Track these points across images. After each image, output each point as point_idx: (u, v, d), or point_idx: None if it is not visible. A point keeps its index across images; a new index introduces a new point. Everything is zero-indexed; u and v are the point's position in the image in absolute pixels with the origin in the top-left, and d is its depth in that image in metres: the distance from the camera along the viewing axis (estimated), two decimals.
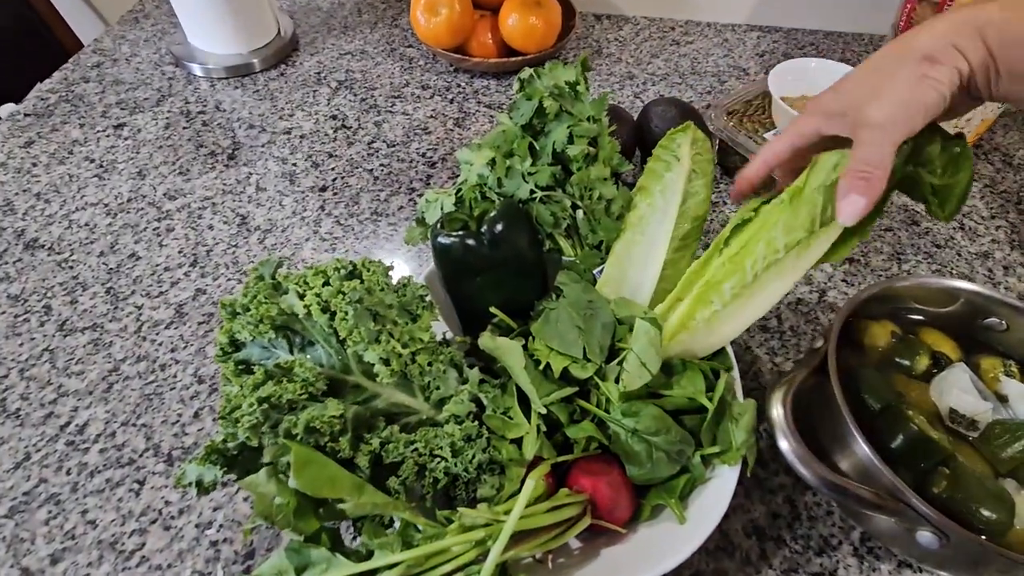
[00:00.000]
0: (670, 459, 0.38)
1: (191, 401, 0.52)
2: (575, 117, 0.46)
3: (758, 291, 0.41)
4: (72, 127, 0.78)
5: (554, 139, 0.45)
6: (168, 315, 0.59)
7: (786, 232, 0.39)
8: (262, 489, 0.32)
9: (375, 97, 0.84)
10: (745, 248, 0.39)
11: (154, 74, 0.87)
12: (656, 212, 0.46)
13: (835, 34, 0.95)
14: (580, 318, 0.42)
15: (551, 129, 0.46)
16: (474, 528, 0.32)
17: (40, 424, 0.51)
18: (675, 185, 0.45)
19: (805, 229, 0.39)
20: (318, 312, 0.35)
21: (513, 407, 0.40)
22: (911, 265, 0.64)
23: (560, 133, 0.45)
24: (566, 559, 0.38)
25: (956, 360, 0.47)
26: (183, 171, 0.73)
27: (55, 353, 0.55)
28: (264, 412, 0.32)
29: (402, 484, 0.34)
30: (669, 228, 0.45)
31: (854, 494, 0.37)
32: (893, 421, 0.42)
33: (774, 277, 0.41)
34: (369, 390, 0.37)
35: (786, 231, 0.39)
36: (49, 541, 0.44)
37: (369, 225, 0.67)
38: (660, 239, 0.45)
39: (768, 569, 0.43)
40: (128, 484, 0.47)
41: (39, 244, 0.65)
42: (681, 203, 0.45)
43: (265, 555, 0.44)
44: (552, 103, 0.45)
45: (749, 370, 0.55)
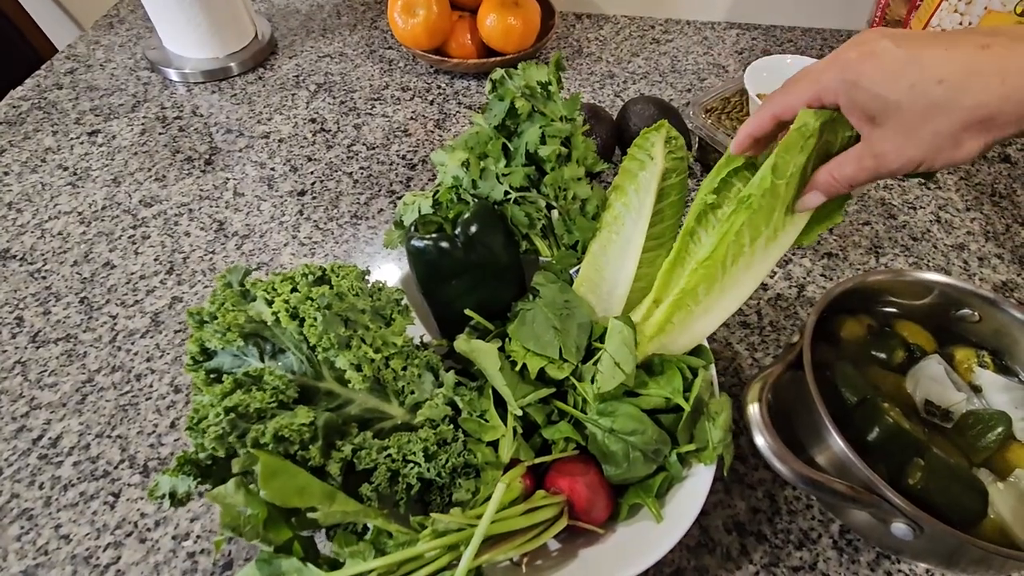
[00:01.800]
0: (647, 458, 0.38)
1: (167, 411, 0.52)
2: (547, 117, 0.46)
3: (730, 286, 0.41)
4: (45, 135, 0.77)
5: (527, 140, 0.45)
6: (144, 324, 0.58)
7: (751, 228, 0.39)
8: (230, 500, 0.31)
9: (354, 100, 0.83)
10: (715, 251, 0.39)
11: (129, 79, 0.86)
12: (631, 211, 0.46)
13: (813, 30, 0.96)
14: (556, 318, 0.42)
15: (524, 130, 0.46)
16: (447, 533, 0.32)
17: (11, 438, 0.50)
18: (649, 184, 0.45)
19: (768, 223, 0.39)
20: (287, 319, 0.35)
21: (489, 409, 0.39)
22: (889, 258, 0.64)
23: (533, 134, 0.45)
24: (544, 561, 0.38)
25: (931, 352, 0.47)
26: (159, 177, 0.72)
27: (27, 365, 0.54)
28: (231, 422, 0.32)
29: (375, 491, 0.34)
30: (644, 227, 0.45)
31: (829, 488, 0.37)
32: (869, 414, 0.42)
33: (743, 270, 0.41)
34: (342, 396, 0.37)
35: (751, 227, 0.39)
36: (21, 557, 0.44)
37: (349, 229, 0.67)
38: (635, 238, 0.45)
39: (749, 564, 0.43)
40: (103, 497, 0.47)
41: (10, 255, 0.63)
42: (656, 202, 0.45)
43: (243, 564, 0.43)
44: (524, 104, 0.45)
45: (729, 366, 0.55)
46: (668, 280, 0.43)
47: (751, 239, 0.39)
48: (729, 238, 0.38)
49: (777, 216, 0.38)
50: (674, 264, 0.43)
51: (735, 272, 0.40)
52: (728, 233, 0.38)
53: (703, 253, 0.40)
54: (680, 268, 0.43)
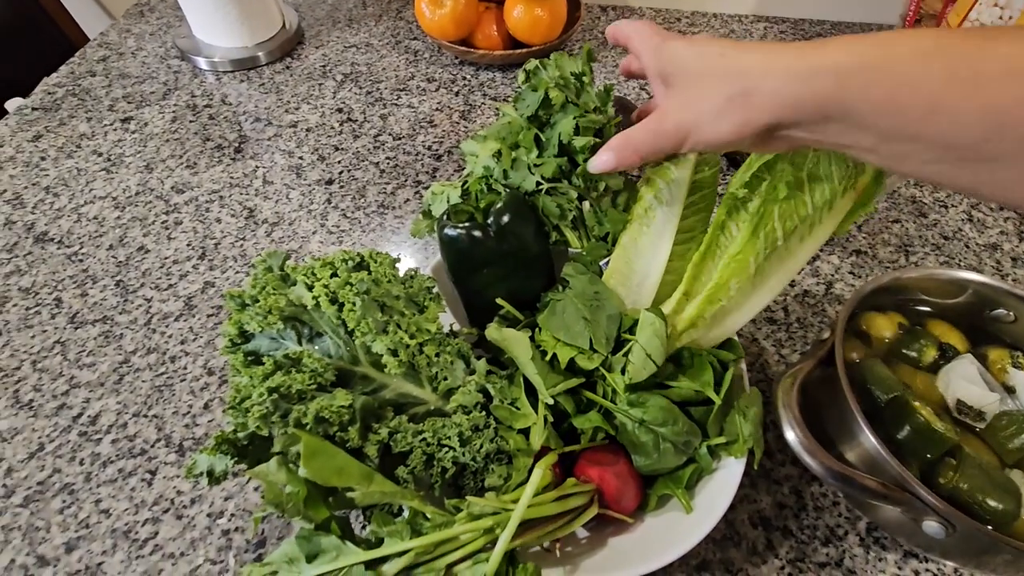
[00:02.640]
0: (677, 450, 0.39)
1: (201, 392, 0.53)
2: (580, 108, 0.46)
3: (762, 281, 0.41)
4: (79, 121, 0.79)
5: (560, 130, 0.45)
6: (177, 307, 0.59)
7: (784, 220, 0.39)
8: (272, 478, 0.32)
9: (380, 90, 0.84)
10: (748, 244, 0.39)
11: (160, 68, 0.87)
12: (662, 204, 0.46)
13: (843, 24, 0.94)
14: (586, 309, 0.42)
15: (557, 120, 0.46)
16: (482, 517, 0.32)
17: (53, 415, 0.51)
18: (682, 177, 0.45)
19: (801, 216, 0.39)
20: (326, 303, 0.35)
21: (520, 397, 0.40)
22: (919, 257, 0.63)
23: (566, 124, 0.45)
24: (573, 548, 0.38)
25: (963, 351, 0.47)
26: (190, 164, 0.73)
27: (66, 345, 0.56)
28: (274, 402, 0.33)
29: (410, 473, 0.35)
30: (675, 220, 0.45)
31: (860, 484, 0.37)
32: (899, 412, 0.42)
33: (777, 264, 0.41)
34: (377, 381, 0.38)
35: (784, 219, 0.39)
36: (64, 530, 0.45)
37: (376, 218, 0.68)
38: (666, 231, 0.45)
39: (774, 559, 0.43)
40: (140, 474, 0.48)
41: (49, 237, 0.65)
42: (688, 195, 0.45)
43: (276, 543, 0.44)
44: (558, 94, 0.45)
45: (756, 362, 0.55)
46: (698, 273, 0.43)
47: (785, 233, 0.38)
48: (763, 231, 0.38)
49: (809, 208, 0.38)
50: (704, 257, 0.43)
51: (768, 266, 0.40)
52: (760, 226, 0.38)
53: (736, 247, 0.40)
54: (711, 261, 0.43)
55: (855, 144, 0.27)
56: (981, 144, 0.23)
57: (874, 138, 0.26)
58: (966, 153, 0.24)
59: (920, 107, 0.24)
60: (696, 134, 0.31)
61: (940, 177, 0.26)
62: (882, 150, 0.27)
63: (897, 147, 0.26)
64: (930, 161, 0.25)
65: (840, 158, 0.38)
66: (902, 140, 0.25)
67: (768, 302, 0.42)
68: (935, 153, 0.25)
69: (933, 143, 0.25)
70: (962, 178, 0.25)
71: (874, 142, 0.26)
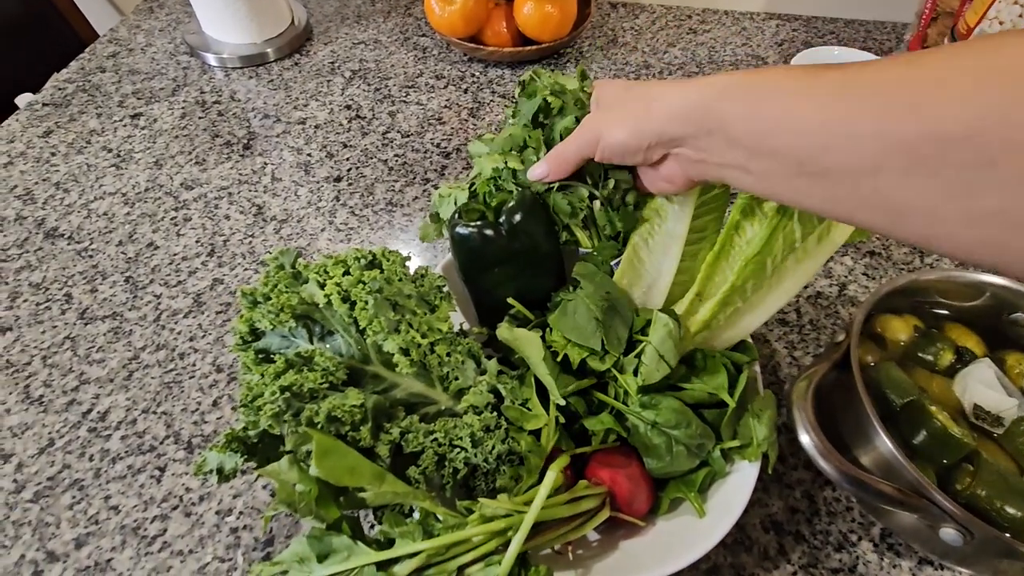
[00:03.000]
0: (690, 453, 0.38)
1: (210, 389, 0.53)
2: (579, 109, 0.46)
3: (778, 283, 0.41)
4: (89, 117, 0.79)
5: (561, 127, 0.45)
6: (186, 304, 0.59)
7: (803, 223, 0.39)
8: (284, 477, 0.32)
9: (389, 87, 0.84)
10: (765, 247, 0.39)
11: (169, 64, 0.87)
12: (674, 203, 0.45)
13: (856, 22, 0.93)
14: (598, 310, 0.41)
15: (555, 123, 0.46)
16: (495, 519, 0.32)
17: (63, 411, 0.52)
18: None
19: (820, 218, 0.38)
20: (338, 301, 0.35)
21: (531, 398, 0.39)
22: (934, 258, 0.63)
23: (567, 121, 0.45)
24: (585, 551, 0.38)
25: (981, 355, 0.46)
26: (199, 161, 0.73)
27: (76, 341, 0.56)
28: (286, 400, 0.32)
29: (422, 474, 0.35)
30: (687, 219, 0.44)
31: (876, 490, 0.37)
32: (915, 416, 0.42)
33: (793, 266, 0.40)
34: (388, 380, 0.37)
35: (803, 222, 0.39)
36: (73, 525, 0.45)
37: (384, 216, 0.67)
38: (678, 230, 0.44)
39: (787, 564, 0.43)
40: (149, 471, 0.48)
41: (59, 233, 0.65)
42: (700, 193, 0.44)
43: (284, 542, 0.44)
44: (555, 99, 0.45)
45: (768, 364, 0.54)
46: (712, 274, 0.43)
47: (803, 234, 0.38)
48: (780, 232, 0.38)
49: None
50: (718, 257, 0.42)
51: (785, 269, 0.39)
52: (779, 227, 0.38)
53: (752, 249, 0.39)
54: (725, 262, 0.42)
55: (732, 162, 0.30)
56: (820, 156, 0.26)
57: (744, 154, 0.29)
58: (812, 166, 0.26)
59: (775, 117, 0.27)
60: (603, 138, 0.36)
61: (802, 196, 0.28)
62: (753, 167, 0.29)
63: (763, 163, 0.29)
64: (790, 176, 0.28)
65: None
66: (765, 155, 0.28)
67: (784, 304, 0.41)
68: (791, 167, 0.27)
69: (787, 156, 0.27)
70: (815, 196, 0.27)
71: (745, 158, 0.29)
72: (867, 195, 0.25)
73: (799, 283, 0.41)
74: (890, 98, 0.23)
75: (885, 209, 0.25)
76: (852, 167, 0.25)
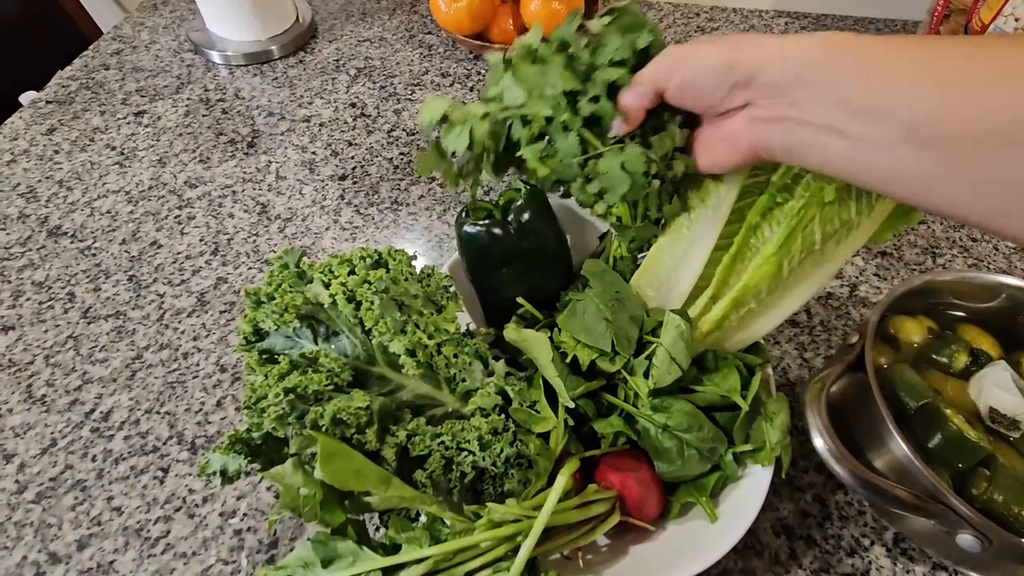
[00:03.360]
0: (702, 457, 0.37)
1: (213, 390, 0.52)
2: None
3: (793, 285, 0.40)
4: (93, 114, 0.78)
5: (603, 79, 0.34)
6: (190, 303, 0.59)
7: (823, 224, 0.38)
8: (288, 480, 0.31)
9: (394, 85, 0.83)
10: (783, 247, 0.38)
11: (173, 61, 0.87)
12: (707, 207, 0.43)
13: (866, 20, 0.92)
14: (608, 310, 0.41)
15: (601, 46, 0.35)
16: (503, 524, 0.31)
17: (65, 411, 0.51)
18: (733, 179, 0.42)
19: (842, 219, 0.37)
20: (343, 302, 0.35)
21: (540, 400, 0.39)
22: (946, 259, 0.62)
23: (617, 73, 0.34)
24: (594, 556, 0.37)
25: (996, 357, 0.45)
26: (203, 159, 0.73)
27: (79, 340, 0.56)
28: (290, 403, 0.32)
29: (429, 477, 0.34)
30: (719, 224, 0.41)
31: (891, 494, 0.36)
32: (930, 420, 0.41)
33: (810, 268, 0.39)
34: (394, 382, 0.37)
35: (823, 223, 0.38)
36: (76, 527, 0.45)
37: (389, 214, 0.67)
38: (707, 236, 0.41)
39: (798, 569, 0.42)
40: (152, 472, 0.48)
41: (62, 231, 0.65)
42: (737, 199, 0.42)
43: (289, 544, 0.44)
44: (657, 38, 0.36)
45: (778, 365, 0.54)
46: (727, 275, 0.42)
47: (823, 236, 0.37)
48: (799, 233, 0.37)
49: (852, 213, 0.37)
50: (734, 259, 0.41)
51: (801, 271, 0.38)
52: (798, 228, 0.37)
53: (769, 248, 0.38)
54: (741, 263, 0.41)
55: (827, 122, 0.28)
56: (935, 122, 0.24)
57: (846, 114, 0.27)
58: (922, 132, 0.25)
59: (892, 76, 0.25)
60: (689, 60, 0.32)
61: (897, 169, 0.26)
62: (851, 130, 0.27)
63: (865, 127, 0.26)
64: (892, 144, 0.26)
65: None
66: (870, 116, 0.26)
67: (798, 307, 0.40)
68: (897, 133, 0.25)
69: (895, 119, 0.25)
70: (914, 170, 0.26)
71: (845, 119, 0.27)
72: (981, 169, 0.24)
73: (815, 286, 0.40)
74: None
75: (1000, 187, 0.24)
76: (971, 137, 0.23)
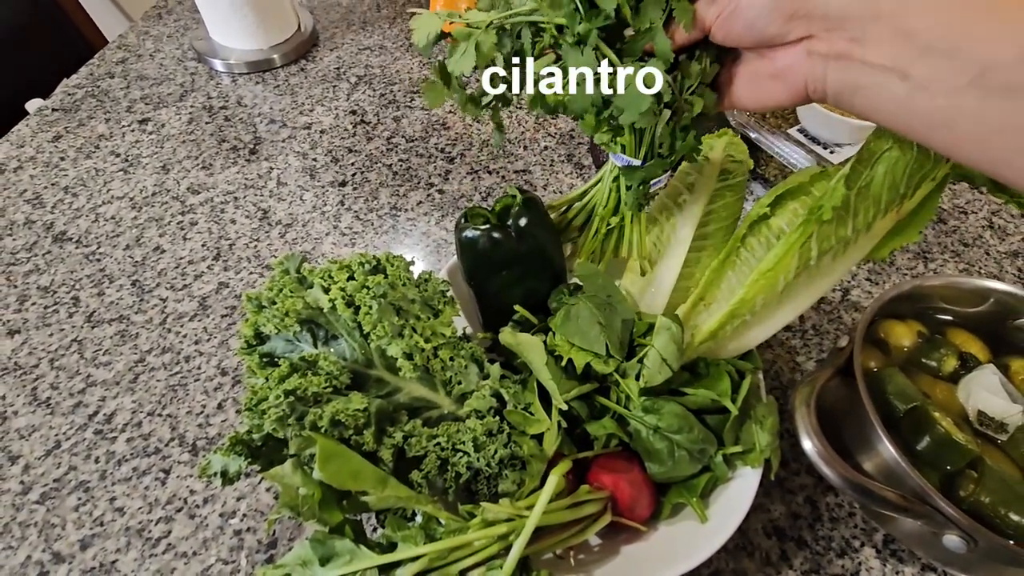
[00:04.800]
0: (692, 458, 0.38)
1: (215, 392, 0.53)
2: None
3: (788, 299, 0.41)
4: (98, 122, 0.80)
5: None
6: (192, 308, 0.60)
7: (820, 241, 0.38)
8: (287, 480, 0.32)
9: (394, 92, 0.84)
10: (780, 263, 0.39)
11: (177, 69, 0.88)
12: (683, 209, 0.45)
13: None
14: (600, 313, 0.42)
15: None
16: (496, 523, 0.32)
17: (69, 413, 0.52)
18: (703, 183, 0.44)
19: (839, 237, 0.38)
20: (343, 306, 0.35)
21: (534, 403, 0.40)
22: (938, 264, 0.62)
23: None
24: (586, 556, 0.38)
25: (985, 361, 0.46)
26: (206, 165, 0.74)
27: (83, 344, 0.57)
28: (290, 404, 0.33)
29: (424, 478, 0.35)
30: (693, 225, 0.44)
31: (879, 496, 0.37)
32: (919, 422, 0.42)
33: (806, 283, 0.40)
34: (391, 384, 0.38)
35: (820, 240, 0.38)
36: (79, 527, 0.46)
37: (388, 220, 0.68)
38: (684, 236, 0.45)
39: (788, 570, 0.43)
40: (154, 473, 0.48)
41: (67, 237, 0.66)
42: (708, 202, 0.44)
43: (288, 545, 0.44)
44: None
45: (770, 369, 0.54)
46: (716, 279, 0.43)
47: (819, 253, 0.38)
48: (795, 250, 0.38)
49: (849, 230, 0.38)
50: (723, 264, 0.42)
51: (797, 285, 0.39)
52: (795, 245, 0.37)
53: (767, 264, 0.39)
54: (731, 271, 0.42)
55: (890, 61, 0.25)
56: (1014, 66, 0.22)
57: (914, 51, 0.25)
58: (996, 77, 0.23)
59: (969, 13, 0.23)
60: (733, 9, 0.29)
61: (958, 118, 0.25)
62: (916, 71, 0.25)
63: (932, 67, 0.24)
64: (959, 89, 0.24)
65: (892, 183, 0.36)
66: (940, 55, 0.24)
67: (792, 319, 0.41)
68: (968, 75, 0.24)
69: (970, 59, 0.23)
70: (979, 119, 0.24)
71: (912, 57, 0.25)
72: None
73: (810, 300, 0.41)
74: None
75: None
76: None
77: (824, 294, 0.42)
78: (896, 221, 0.39)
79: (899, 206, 0.37)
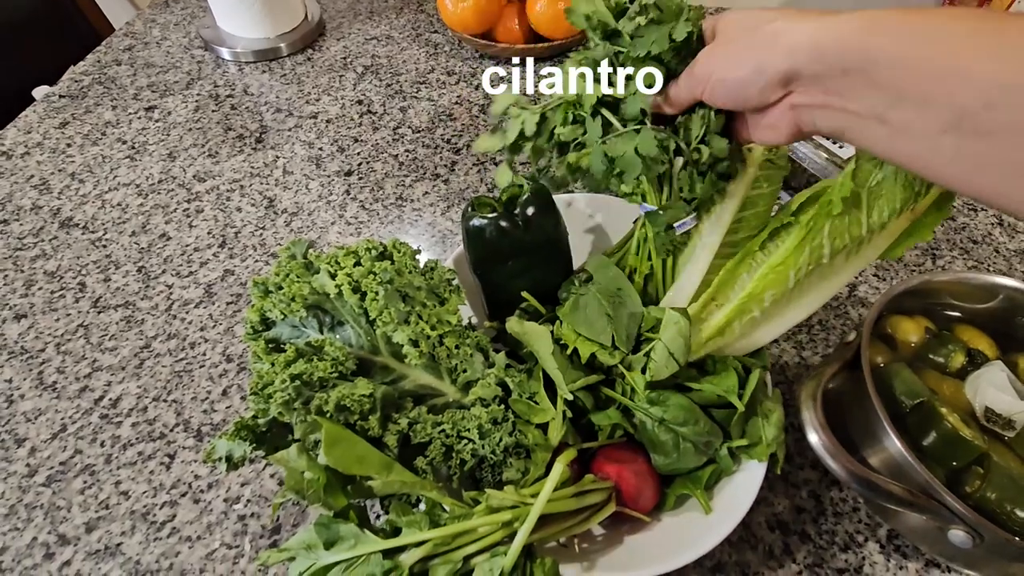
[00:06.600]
0: (697, 450, 0.38)
1: (219, 379, 0.53)
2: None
3: (798, 296, 0.40)
4: (105, 109, 0.80)
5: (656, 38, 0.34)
6: (197, 295, 0.60)
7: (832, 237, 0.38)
8: (293, 464, 0.32)
9: (400, 82, 0.84)
10: (789, 258, 0.38)
11: (184, 57, 0.88)
12: (711, 215, 0.43)
13: None
14: (609, 305, 0.41)
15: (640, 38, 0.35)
16: (501, 510, 0.32)
17: (75, 397, 0.52)
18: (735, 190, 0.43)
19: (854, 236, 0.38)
20: (349, 292, 0.35)
21: (539, 392, 0.40)
22: (946, 261, 0.62)
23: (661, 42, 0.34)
24: (589, 544, 0.38)
25: (993, 358, 0.46)
26: (212, 153, 0.74)
27: (89, 329, 0.57)
28: (296, 389, 0.33)
29: (429, 464, 0.35)
30: (721, 232, 0.42)
31: (885, 490, 0.37)
32: (925, 418, 0.41)
33: (817, 281, 0.39)
34: (397, 371, 0.38)
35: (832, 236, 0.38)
36: (84, 510, 0.46)
37: (394, 210, 0.68)
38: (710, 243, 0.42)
39: (792, 563, 0.43)
40: (159, 458, 0.49)
41: (74, 223, 0.66)
42: (740, 209, 0.43)
43: (291, 530, 0.44)
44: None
45: (776, 363, 0.54)
46: (729, 279, 0.42)
47: (833, 251, 0.37)
48: (807, 245, 0.37)
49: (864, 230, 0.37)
50: (738, 264, 0.41)
51: (808, 282, 0.39)
52: (809, 239, 0.37)
53: (777, 258, 0.38)
54: (746, 272, 0.41)
55: (866, 110, 0.27)
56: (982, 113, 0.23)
57: (887, 100, 0.25)
58: (969, 123, 0.23)
59: (937, 60, 0.24)
60: (716, 74, 0.31)
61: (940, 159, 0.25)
62: (892, 117, 0.26)
63: (907, 113, 0.25)
64: (936, 133, 0.24)
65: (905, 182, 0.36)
66: (913, 103, 0.25)
67: (802, 319, 0.40)
68: (942, 122, 0.24)
69: (942, 107, 0.24)
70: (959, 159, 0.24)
71: (886, 105, 0.26)
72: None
73: (821, 299, 0.40)
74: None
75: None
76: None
77: (835, 293, 0.41)
78: (912, 221, 0.38)
79: (914, 204, 0.37)
